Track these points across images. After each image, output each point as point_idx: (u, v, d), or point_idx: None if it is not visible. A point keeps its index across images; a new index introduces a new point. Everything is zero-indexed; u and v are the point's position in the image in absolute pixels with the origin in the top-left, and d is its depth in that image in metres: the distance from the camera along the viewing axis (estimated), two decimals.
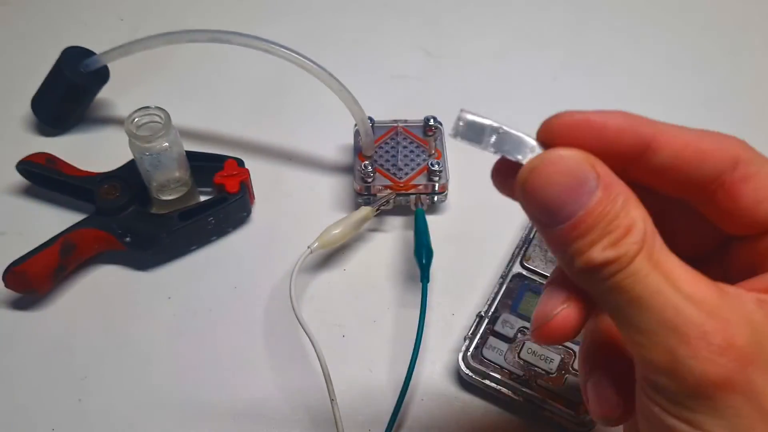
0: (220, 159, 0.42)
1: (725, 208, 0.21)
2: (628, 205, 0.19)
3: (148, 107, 0.39)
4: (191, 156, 0.42)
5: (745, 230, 0.21)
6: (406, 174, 0.42)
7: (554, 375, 0.34)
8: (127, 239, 0.39)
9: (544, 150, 0.22)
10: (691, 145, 0.21)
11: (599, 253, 0.19)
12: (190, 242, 0.41)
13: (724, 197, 0.21)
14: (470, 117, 0.23)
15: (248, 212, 0.43)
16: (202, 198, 0.43)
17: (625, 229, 0.19)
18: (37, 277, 0.37)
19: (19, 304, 0.39)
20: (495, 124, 0.23)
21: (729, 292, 0.19)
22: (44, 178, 0.42)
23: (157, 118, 0.39)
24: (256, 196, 0.44)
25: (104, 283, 0.40)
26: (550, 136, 0.22)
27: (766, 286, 0.20)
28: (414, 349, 0.35)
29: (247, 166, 0.42)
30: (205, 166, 0.42)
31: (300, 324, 0.35)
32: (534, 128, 0.24)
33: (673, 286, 0.19)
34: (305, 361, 0.36)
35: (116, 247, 0.39)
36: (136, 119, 0.39)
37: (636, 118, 0.21)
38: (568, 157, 0.20)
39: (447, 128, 0.45)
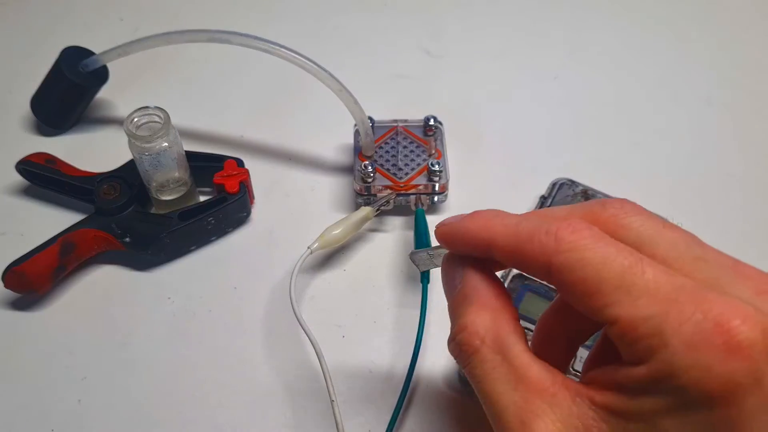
0: (219, 159, 0.42)
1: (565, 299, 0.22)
2: (476, 306, 0.24)
3: (147, 107, 0.39)
4: (191, 156, 0.42)
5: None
6: (407, 174, 0.42)
7: None
8: (127, 239, 0.39)
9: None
10: (516, 252, 0.23)
11: (449, 343, 0.24)
12: (190, 242, 0.41)
13: (559, 292, 0.22)
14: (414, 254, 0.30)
15: (248, 212, 0.43)
16: (202, 198, 0.43)
17: (462, 327, 0.23)
18: (37, 277, 0.37)
19: (18, 305, 0.39)
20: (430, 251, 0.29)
21: (547, 390, 0.21)
22: (44, 178, 0.42)
23: (156, 118, 0.39)
24: (255, 197, 0.44)
25: (104, 283, 0.40)
26: (441, 243, 0.26)
27: (602, 379, 0.21)
28: (414, 349, 0.35)
29: (247, 167, 0.42)
30: (204, 166, 0.42)
31: (300, 324, 0.35)
32: (534, 128, 0.25)
33: (506, 391, 0.22)
34: (305, 361, 0.36)
35: (116, 247, 0.39)
36: (136, 119, 0.38)
37: (479, 218, 0.24)
38: (447, 260, 0.26)
39: (447, 128, 0.45)
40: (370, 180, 0.41)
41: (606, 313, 0.20)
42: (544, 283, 0.37)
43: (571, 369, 0.34)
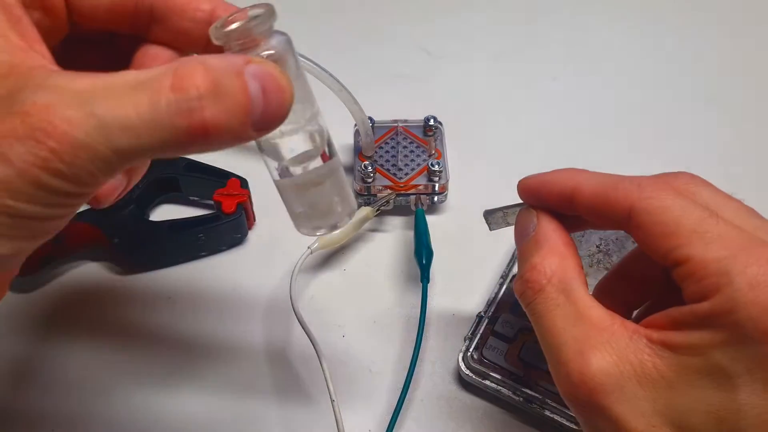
0: (224, 175, 0.41)
1: (639, 245, 0.25)
2: (546, 251, 0.26)
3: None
4: (195, 166, 0.41)
5: (660, 262, 0.24)
6: (407, 174, 0.42)
7: None
8: (116, 240, 0.39)
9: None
10: (600, 195, 0.25)
11: (516, 282, 0.27)
12: (178, 254, 0.40)
13: (633, 237, 0.25)
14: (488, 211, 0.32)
15: (243, 234, 0.42)
16: (199, 212, 0.42)
17: (531, 267, 0.26)
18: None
19: (18, 304, 0.39)
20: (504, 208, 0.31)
21: (606, 329, 0.23)
22: None
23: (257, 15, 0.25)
24: (256, 199, 0.43)
25: (104, 282, 0.40)
26: (522, 196, 0.29)
27: (660, 321, 0.23)
28: (414, 349, 0.35)
29: (248, 166, 0.42)
30: (207, 180, 0.41)
31: (300, 324, 0.35)
32: (534, 128, 0.26)
33: (566, 326, 0.24)
34: (305, 362, 0.36)
35: (104, 244, 0.39)
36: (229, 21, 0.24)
37: (559, 175, 0.27)
38: (522, 213, 0.29)
39: (447, 128, 0.45)
40: (370, 180, 0.41)
41: (679, 253, 0.22)
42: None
43: None
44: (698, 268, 0.21)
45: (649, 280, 0.29)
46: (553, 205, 0.27)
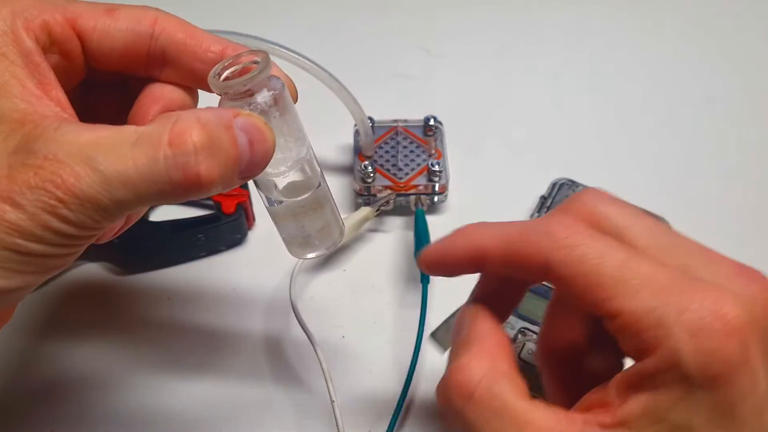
0: None
1: (566, 295, 0.22)
2: (474, 352, 0.23)
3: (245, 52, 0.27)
4: None
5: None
6: (407, 174, 0.42)
7: None
8: (115, 240, 0.39)
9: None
10: (510, 255, 0.23)
11: (437, 390, 0.24)
12: (179, 254, 0.40)
13: (557, 289, 0.23)
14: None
15: (243, 234, 0.41)
16: (198, 212, 0.42)
17: (459, 367, 0.22)
18: None
19: (18, 303, 0.39)
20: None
21: (552, 430, 0.21)
22: None
23: (253, 63, 0.26)
24: (255, 199, 0.43)
25: (103, 281, 0.40)
26: (426, 271, 0.27)
27: (607, 396, 0.21)
28: (414, 350, 0.35)
29: (248, 184, 0.42)
30: None
31: (300, 324, 0.35)
32: (534, 128, 0.25)
33: None
34: (305, 362, 0.36)
35: (104, 245, 0.39)
36: (227, 66, 0.25)
37: (464, 233, 0.24)
38: (462, 309, 0.26)
39: (447, 128, 0.45)
40: (370, 180, 0.41)
41: (608, 306, 0.20)
42: (545, 283, 0.37)
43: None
44: (631, 322, 0.20)
45: (577, 326, 0.26)
46: (466, 272, 0.25)
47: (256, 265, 0.41)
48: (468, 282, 0.40)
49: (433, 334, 0.30)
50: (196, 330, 0.38)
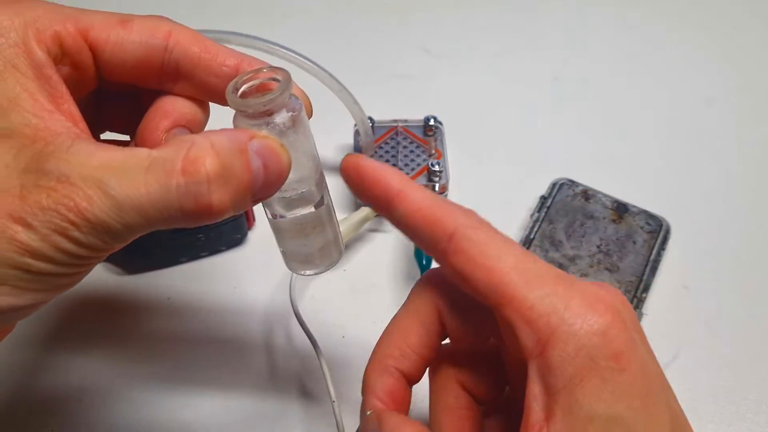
0: None
1: (452, 273, 0.23)
2: None
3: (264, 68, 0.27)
4: None
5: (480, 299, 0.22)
6: (407, 174, 0.42)
7: None
8: None
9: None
10: (424, 209, 0.23)
11: None
12: (179, 254, 0.40)
13: (447, 263, 0.22)
14: None
15: (243, 234, 0.42)
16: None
17: None
18: None
19: None
20: None
21: None
22: None
23: (274, 82, 0.26)
24: (256, 214, 0.43)
25: (103, 281, 0.40)
26: (348, 170, 0.25)
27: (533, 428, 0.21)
28: None
29: None
30: None
31: (300, 324, 0.35)
32: (534, 128, 0.25)
33: None
34: (305, 362, 0.36)
35: None
36: (245, 81, 0.25)
37: (392, 174, 0.24)
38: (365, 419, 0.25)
39: (447, 128, 0.45)
40: None
41: (503, 291, 0.21)
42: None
43: None
44: (525, 308, 0.21)
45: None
46: (371, 199, 0.24)
47: (256, 265, 0.41)
48: None
49: None
50: (196, 330, 0.38)
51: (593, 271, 0.38)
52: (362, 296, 0.39)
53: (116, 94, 0.27)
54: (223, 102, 0.24)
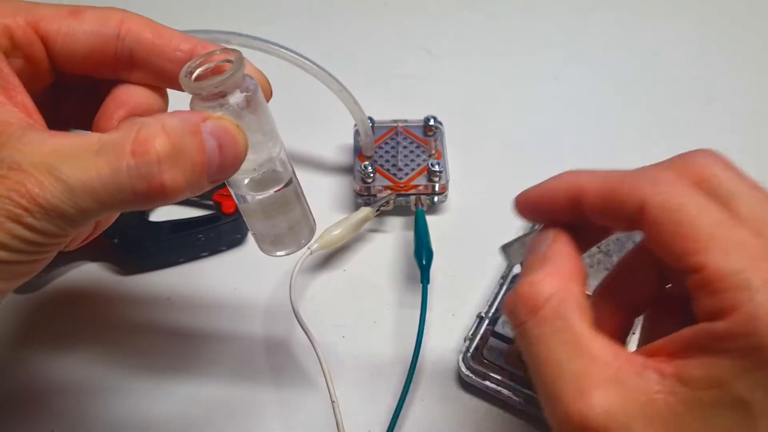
0: None
1: (650, 245, 0.22)
2: (548, 270, 0.23)
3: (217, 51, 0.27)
4: None
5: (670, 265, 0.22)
6: (407, 174, 0.42)
7: None
8: (115, 240, 0.39)
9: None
10: (606, 194, 0.23)
11: (505, 302, 0.24)
12: (179, 254, 0.40)
13: (645, 236, 0.22)
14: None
15: (243, 234, 0.42)
16: (199, 212, 0.42)
17: (529, 283, 0.23)
18: None
19: (17, 302, 0.39)
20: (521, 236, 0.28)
21: (610, 363, 0.21)
22: None
23: (227, 62, 0.26)
24: None
25: (103, 281, 0.40)
26: (523, 212, 0.27)
27: (670, 347, 0.21)
28: (414, 350, 0.35)
29: None
30: None
31: (300, 324, 0.35)
32: (534, 128, 0.25)
33: (563, 357, 0.21)
34: (305, 362, 0.36)
35: (103, 244, 0.39)
36: (199, 64, 0.25)
37: (564, 174, 0.25)
38: (539, 232, 0.26)
39: (447, 128, 0.45)
40: (370, 180, 0.41)
41: (694, 259, 0.20)
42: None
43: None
44: (715, 279, 0.19)
45: (651, 280, 0.27)
46: (560, 215, 0.25)
47: (256, 265, 0.41)
48: (468, 285, 0.40)
49: (504, 247, 0.29)
50: (196, 330, 0.38)
51: (593, 271, 0.38)
52: (362, 296, 0.39)
53: (74, 88, 0.27)
54: (179, 88, 0.24)
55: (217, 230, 0.40)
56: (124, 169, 0.20)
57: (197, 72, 0.24)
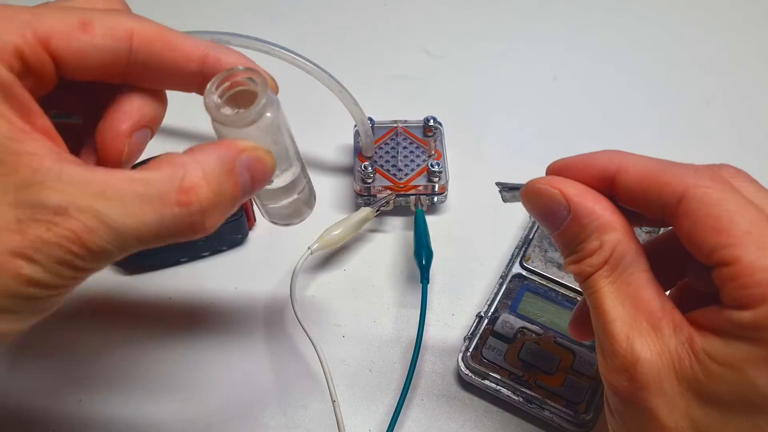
0: None
1: (680, 235, 0.23)
2: (599, 230, 0.24)
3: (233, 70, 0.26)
4: None
5: (699, 259, 0.23)
6: (406, 175, 0.42)
7: (554, 375, 0.34)
8: None
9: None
10: (649, 176, 0.23)
11: (568, 265, 0.25)
12: (179, 254, 0.41)
13: (676, 226, 0.23)
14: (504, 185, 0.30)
15: (244, 234, 0.42)
16: None
17: (589, 251, 0.24)
18: None
19: None
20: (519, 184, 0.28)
21: (653, 314, 0.23)
22: None
23: (252, 84, 0.25)
24: (256, 214, 0.44)
25: (105, 282, 0.40)
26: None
27: (703, 320, 0.22)
28: (414, 350, 0.35)
29: None
30: None
31: (300, 324, 0.35)
32: (534, 129, 0.25)
33: (616, 306, 0.23)
34: (306, 362, 0.36)
35: None
36: (224, 84, 0.25)
37: (608, 150, 0.26)
38: (541, 189, 0.25)
39: (447, 129, 0.45)
40: (370, 181, 0.41)
41: (727, 252, 0.21)
42: (543, 283, 0.38)
43: (570, 369, 0.34)
44: (745, 274, 0.20)
45: (672, 270, 0.27)
46: (593, 183, 0.25)
47: (256, 265, 0.41)
48: (468, 285, 0.40)
49: (503, 189, 0.30)
50: (197, 329, 0.38)
51: None
52: (362, 296, 0.40)
53: (77, 87, 0.26)
54: (186, 90, 0.25)
55: (218, 230, 0.40)
56: (169, 216, 0.21)
57: (219, 91, 0.24)
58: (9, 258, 0.19)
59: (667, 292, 0.29)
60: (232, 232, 0.41)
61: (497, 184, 0.30)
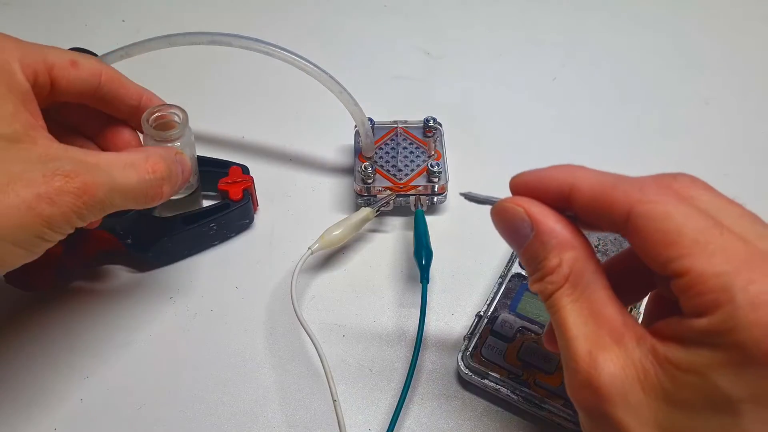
0: (225, 165, 0.42)
1: (636, 250, 0.23)
2: (558, 248, 0.24)
3: (167, 105, 0.36)
4: (198, 160, 0.42)
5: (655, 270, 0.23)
6: (406, 175, 0.42)
7: (553, 374, 0.34)
8: (129, 241, 0.39)
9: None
10: (598, 195, 0.24)
11: (532, 284, 0.26)
12: (191, 246, 0.41)
13: (630, 242, 0.23)
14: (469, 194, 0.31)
15: (250, 219, 0.43)
16: (206, 203, 0.43)
17: (550, 269, 0.25)
18: (39, 275, 0.37)
19: (21, 303, 0.39)
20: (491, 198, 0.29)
21: (616, 329, 0.23)
22: None
23: (176, 117, 0.36)
24: (260, 202, 0.44)
25: (106, 282, 0.40)
26: (516, 193, 0.28)
27: (665, 330, 0.22)
28: (414, 349, 0.35)
29: (242, 155, 0.42)
30: (209, 171, 0.42)
31: (301, 324, 0.35)
32: (533, 129, 0.25)
33: (578, 324, 0.24)
34: (306, 362, 0.37)
35: (117, 247, 0.40)
36: (156, 115, 0.36)
37: (563, 166, 0.26)
38: (508, 208, 0.26)
39: (447, 129, 0.45)
40: (370, 181, 0.41)
41: (679, 264, 0.21)
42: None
43: None
44: (698, 282, 0.20)
45: (639, 282, 0.28)
46: (551, 201, 0.26)
47: (257, 265, 0.41)
48: (467, 285, 0.40)
49: (468, 197, 0.30)
50: (197, 329, 0.38)
51: None
52: (362, 296, 0.40)
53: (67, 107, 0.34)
54: (130, 121, 0.36)
55: (228, 217, 0.41)
56: (144, 180, 0.30)
57: (153, 117, 0.35)
58: (36, 200, 0.25)
59: (644, 301, 0.29)
60: (239, 218, 0.42)
61: (462, 194, 0.30)
